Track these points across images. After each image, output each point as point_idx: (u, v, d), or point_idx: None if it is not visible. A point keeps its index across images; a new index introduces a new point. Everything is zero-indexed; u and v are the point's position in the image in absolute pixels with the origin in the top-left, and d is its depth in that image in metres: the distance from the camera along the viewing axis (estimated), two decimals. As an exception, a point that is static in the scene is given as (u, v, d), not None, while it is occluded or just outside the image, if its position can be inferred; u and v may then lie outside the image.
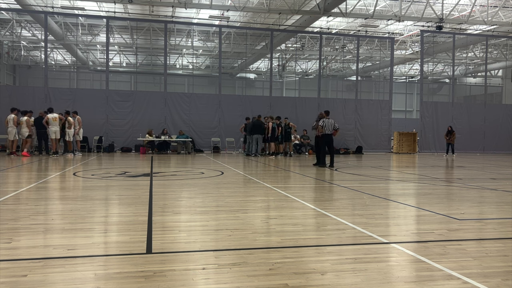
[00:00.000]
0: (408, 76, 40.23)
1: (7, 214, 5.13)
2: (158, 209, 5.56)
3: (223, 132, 20.83)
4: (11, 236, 4.12)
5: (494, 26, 24.17)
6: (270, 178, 9.91)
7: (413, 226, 5.00)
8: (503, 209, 6.11)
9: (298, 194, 7.24)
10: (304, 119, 21.18)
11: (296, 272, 3.18)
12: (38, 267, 3.20)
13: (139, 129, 19.52)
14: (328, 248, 3.87)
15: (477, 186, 8.63)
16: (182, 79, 37.11)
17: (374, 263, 3.43)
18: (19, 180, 9.06)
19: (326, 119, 12.85)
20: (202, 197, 6.82)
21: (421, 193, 7.73)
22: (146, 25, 26.46)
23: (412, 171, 12.46)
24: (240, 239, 4.13)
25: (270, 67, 23.02)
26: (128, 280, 2.96)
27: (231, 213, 5.45)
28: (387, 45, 29.57)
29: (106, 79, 20.45)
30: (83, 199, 6.36)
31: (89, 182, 8.63)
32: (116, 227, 4.74)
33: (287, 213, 5.50)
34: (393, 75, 26.24)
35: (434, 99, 35.56)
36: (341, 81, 36.66)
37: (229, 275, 3.10)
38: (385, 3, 22.69)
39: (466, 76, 39.11)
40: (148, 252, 3.65)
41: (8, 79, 32.01)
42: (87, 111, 18.87)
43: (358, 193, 7.40)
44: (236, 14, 23.65)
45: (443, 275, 3.19)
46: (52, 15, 23.28)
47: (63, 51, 32.39)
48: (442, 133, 21.87)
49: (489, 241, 4.29)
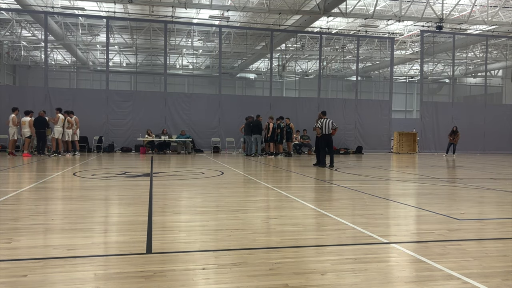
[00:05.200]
0: (408, 76, 40.22)
1: (7, 214, 5.13)
2: (158, 209, 5.56)
3: (223, 132, 20.82)
4: (11, 236, 4.12)
5: (494, 26, 24.17)
6: (270, 178, 9.91)
7: (413, 226, 5.00)
8: (503, 209, 6.11)
9: (298, 194, 7.24)
10: (304, 119, 21.16)
11: (296, 272, 3.18)
12: (38, 267, 3.20)
13: (139, 129, 19.50)
14: (328, 248, 3.87)
15: (477, 186, 8.63)
16: (182, 79, 37.10)
17: (374, 263, 3.43)
18: (19, 180, 9.06)
19: (323, 119, 12.86)
20: (202, 197, 6.82)
21: (421, 193, 7.73)
22: (146, 25, 26.46)
23: (412, 171, 12.45)
24: (240, 239, 4.13)
25: (270, 67, 23.02)
26: (128, 280, 2.96)
27: (231, 213, 5.45)
28: (387, 45, 29.56)
29: (106, 79, 20.44)
30: (83, 199, 6.36)
31: (89, 182, 8.63)
32: (116, 227, 4.74)
33: (287, 213, 5.49)
34: (393, 75, 26.23)
35: (434, 99, 35.51)
36: (341, 81, 36.70)
37: (229, 275, 3.10)
38: (385, 3, 22.68)
39: (466, 76, 39.10)
40: (148, 252, 3.65)
41: (8, 79, 32.01)
42: (87, 111, 18.88)
43: (358, 193, 7.40)
44: (236, 14, 23.65)
45: (443, 275, 3.19)
46: (52, 15, 23.27)
47: (63, 51, 32.39)
48: (442, 133, 21.86)
49: (489, 241, 4.29)
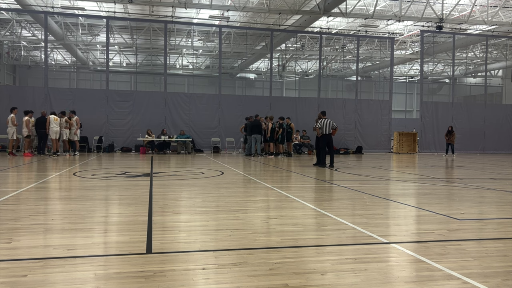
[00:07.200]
0: (408, 76, 40.22)
1: (7, 214, 5.13)
2: (158, 209, 5.56)
3: (223, 132, 20.82)
4: (11, 236, 4.12)
5: (494, 26, 24.17)
6: (270, 178, 9.91)
7: (413, 226, 5.00)
8: (503, 209, 6.11)
9: (298, 194, 7.24)
10: (304, 119, 21.17)
11: (296, 272, 3.18)
12: (38, 267, 3.20)
13: (139, 129, 19.52)
14: (328, 248, 3.87)
15: (477, 186, 8.63)
16: (182, 79, 37.11)
17: (374, 263, 3.43)
18: (19, 180, 9.06)
19: (323, 119, 12.86)
20: (202, 197, 6.82)
21: (421, 193, 7.73)
22: (146, 25, 26.46)
23: (412, 171, 12.45)
24: (240, 239, 4.13)
25: (270, 67, 23.02)
26: (128, 280, 2.96)
27: (231, 213, 5.45)
28: (387, 45, 29.56)
29: (106, 79, 20.44)
30: (83, 199, 6.36)
31: (89, 182, 8.62)
32: (116, 227, 4.74)
33: (287, 213, 5.49)
34: (393, 75, 26.24)
35: (434, 99, 35.57)
36: (341, 81, 36.71)
37: (229, 275, 3.10)
38: (385, 3, 22.68)
39: (466, 76, 39.11)
40: (148, 252, 3.65)
41: (8, 79, 32.01)
42: (87, 111, 18.90)
43: (358, 193, 7.40)
44: (236, 14, 23.65)
45: (443, 275, 3.19)
46: (52, 15, 23.27)
47: (63, 51, 32.39)
48: (442, 133, 21.85)
49: (489, 241, 4.29)
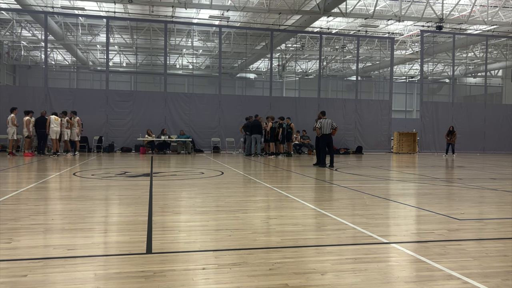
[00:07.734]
0: (408, 76, 40.23)
1: (7, 214, 5.13)
2: (158, 209, 5.56)
3: (223, 132, 20.83)
4: (11, 236, 4.12)
5: (494, 26, 24.17)
6: (270, 178, 9.91)
7: (413, 226, 5.00)
8: (503, 209, 6.11)
9: (298, 194, 7.24)
10: (304, 119, 21.17)
11: (296, 272, 3.18)
12: (38, 267, 3.20)
13: (139, 129, 19.52)
14: (328, 248, 3.87)
15: (477, 186, 8.63)
16: (182, 79, 37.11)
17: (374, 263, 3.43)
18: (19, 180, 9.06)
19: (323, 119, 12.87)
20: (202, 197, 6.82)
21: (421, 193, 7.73)
22: (146, 25, 26.46)
23: (412, 171, 12.45)
24: (240, 239, 4.13)
25: (270, 67, 23.02)
26: (128, 280, 2.96)
27: (231, 213, 5.45)
28: (387, 45, 29.57)
29: (106, 79, 20.44)
30: (83, 199, 6.36)
31: (89, 182, 8.62)
32: (116, 227, 4.74)
33: (287, 213, 5.49)
34: (393, 75, 26.24)
35: (434, 99, 35.59)
36: (341, 81, 36.73)
37: (229, 275, 3.10)
38: (385, 3, 22.68)
39: (466, 76, 39.11)
40: (148, 252, 3.65)
41: (8, 79, 32.02)
42: (87, 111, 18.90)
43: (358, 193, 7.40)
44: (236, 14, 23.65)
45: (443, 275, 3.19)
46: (52, 15, 23.28)
47: (63, 51, 32.40)
48: (442, 133, 21.85)
49: (489, 241, 4.29)
